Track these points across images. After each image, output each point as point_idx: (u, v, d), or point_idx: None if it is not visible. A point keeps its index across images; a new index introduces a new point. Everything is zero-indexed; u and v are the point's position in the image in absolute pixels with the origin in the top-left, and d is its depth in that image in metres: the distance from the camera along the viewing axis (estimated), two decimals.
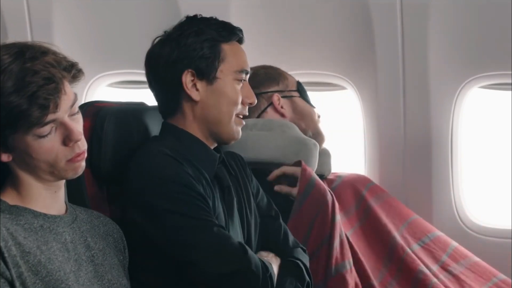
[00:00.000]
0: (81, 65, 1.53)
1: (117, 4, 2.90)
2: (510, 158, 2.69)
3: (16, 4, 2.94)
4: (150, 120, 2.01)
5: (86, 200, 1.85)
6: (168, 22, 2.68)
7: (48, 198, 1.56)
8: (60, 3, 2.92)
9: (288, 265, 1.90)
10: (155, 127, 2.00)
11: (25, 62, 1.44)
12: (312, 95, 2.55)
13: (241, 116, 1.93)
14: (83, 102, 2.89)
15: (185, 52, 1.84)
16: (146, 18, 2.88)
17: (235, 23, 1.95)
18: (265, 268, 1.77)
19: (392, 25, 2.61)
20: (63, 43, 2.82)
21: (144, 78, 3.02)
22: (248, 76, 1.94)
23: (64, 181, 1.59)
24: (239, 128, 1.92)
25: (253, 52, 2.02)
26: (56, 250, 1.51)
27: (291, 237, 2.00)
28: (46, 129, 1.46)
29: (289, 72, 2.55)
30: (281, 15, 2.78)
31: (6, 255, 1.41)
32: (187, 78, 1.85)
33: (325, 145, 2.52)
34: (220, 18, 1.93)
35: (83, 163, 1.55)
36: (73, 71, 1.50)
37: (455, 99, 2.69)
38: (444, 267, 2.36)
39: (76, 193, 1.81)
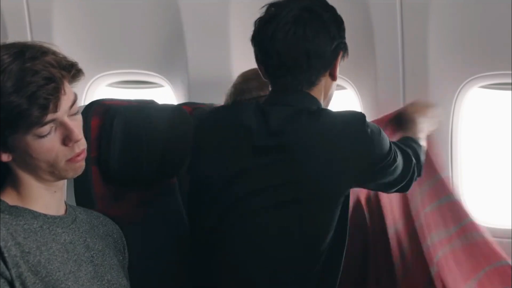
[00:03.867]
0: (81, 65, 1.53)
1: (117, 4, 2.90)
2: (510, 158, 2.69)
3: (16, 4, 2.94)
4: (160, 118, 2.01)
5: (93, 198, 1.85)
6: (168, 22, 2.69)
7: (48, 198, 1.56)
8: (60, 3, 2.92)
9: None
10: (164, 125, 2.00)
11: (25, 62, 1.44)
12: None
13: None
14: (83, 102, 2.90)
15: (343, 37, 1.99)
16: (146, 18, 2.88)
17: (234, 23, 1.96)
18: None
19: (392, 25, 2.61)
20: (63, 43, 2.82)
21: (143, 78, 3.05)
22: None
23: (64, 181, 1.60)
24: None
25: (252, 53, 2.02)
26: (55, 251, 1.51)
27: None
28: (46, 129, 1.46)
29: None
30: None
31: (6, 255, 1.42)
32: (339, 58, 1.99)
33: None
34: (220, 19, 1.93)
35: (83, 163, 1.55)
36: (73, 71, 1.50)
37: (455, 99, 2.69)
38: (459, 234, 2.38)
39: (83, 191, 1.82)
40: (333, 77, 1.98)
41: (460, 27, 2.58)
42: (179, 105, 2.36)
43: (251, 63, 2.01)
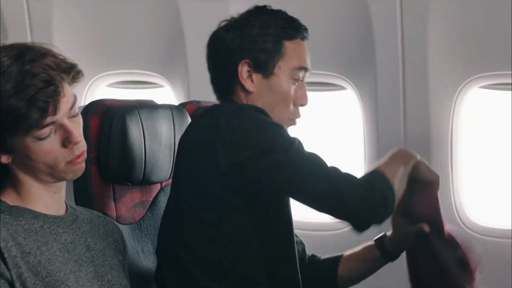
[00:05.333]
0: (80, 66, 1.52)
1: (116, 4, 2.91)
2: (510, 158, 2.69)
3: (16, 4, 2.95)
4: (159, 118, 2.01)
5: (92, 198, 1.85)
6: (168, 22, 2.68)
7: (48, 199, 1.56)
8: (60, 3, 2.93)
9: None
10: (164, 125, 2.00)
11: (24, 65, 1.44)
12: (312, 95, 2.54)
13: (295, 119, 1.91)
14: (83, 102, 2.90)
15: (246, 43, 1.84)
16: (146, 18, 2.89)
17: None
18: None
19: (392, 25, 2.61)
20: (63, 44, 2.82)
21: (143, 78, 3.06)
22: (306, 75, 1.91)
23: (64, 182, 1.59)
24: None
25: None
26: (56, 251, 1.51)
27: None
28: (45, 131, 1.46)
29: None
30: None
31: (6, 255, 1.41)
32: (243, 68, 1.84)
33: (326, 145, 2.53)
34: (220, 19, 1.93)
35: (83, 165, 1.55)
36: (72, 73, 1.49)
37: (455, 99, 2.70)
38: None
39: (82, 191, 1.82)
40: (244, 90, 1.85)
41: (460, 27, 2.59)
42: (183, 104, 2.36)
43: None
